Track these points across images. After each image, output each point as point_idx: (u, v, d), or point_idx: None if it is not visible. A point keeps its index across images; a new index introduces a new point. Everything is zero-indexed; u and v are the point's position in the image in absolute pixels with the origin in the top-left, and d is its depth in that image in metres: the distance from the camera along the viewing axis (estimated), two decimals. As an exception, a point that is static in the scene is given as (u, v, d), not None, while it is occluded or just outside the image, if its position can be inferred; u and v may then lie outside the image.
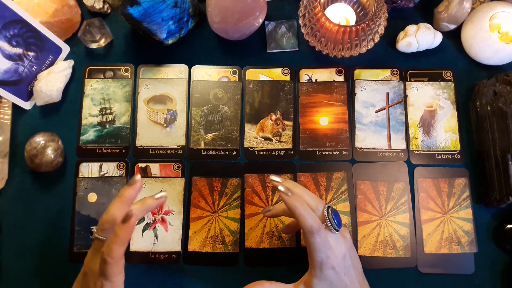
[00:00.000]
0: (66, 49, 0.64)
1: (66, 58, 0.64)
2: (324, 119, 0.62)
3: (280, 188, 0.44)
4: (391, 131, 0.61)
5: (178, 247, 0.57)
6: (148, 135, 0.61)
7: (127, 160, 0.60)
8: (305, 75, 0.63)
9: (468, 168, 0.60)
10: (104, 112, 0.62)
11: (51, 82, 0.59)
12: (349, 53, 0.60)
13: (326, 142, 0.61)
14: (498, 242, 0.57)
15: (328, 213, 0.44)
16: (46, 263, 0.56)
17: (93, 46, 0.64)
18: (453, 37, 0.65)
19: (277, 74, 0.63)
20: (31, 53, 0.59)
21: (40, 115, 0.62)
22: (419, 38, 0.61)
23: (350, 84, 0.63)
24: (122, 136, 0.61)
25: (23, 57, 0.59)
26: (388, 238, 0.57)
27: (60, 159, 0.58)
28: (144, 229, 0.57)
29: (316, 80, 0.63)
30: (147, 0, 0.53)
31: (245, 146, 0.61)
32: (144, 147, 0.60)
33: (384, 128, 0.61)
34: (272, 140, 0.61)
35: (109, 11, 0.65)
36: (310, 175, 0.59)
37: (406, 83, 0.63)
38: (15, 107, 0.61)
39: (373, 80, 0.63)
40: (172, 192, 0.59)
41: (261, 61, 0.64)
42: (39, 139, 0.57)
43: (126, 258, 0.43)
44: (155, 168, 0.60)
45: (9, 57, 0.57)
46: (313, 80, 0.63)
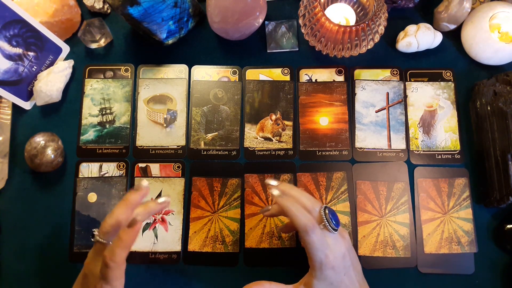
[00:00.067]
0: (66, 49, 0.64)
1: (66, 58, 0.64)
2: (324, 119, 0.62)
3: (273, 193, 0.46)
4: (391, 131, 0.61)
5: (178, 247, 0.57)
6: (148, 135, 0.61)
7: (127, 160, 0.60)
8: (305, 75, 0.63)
9: (468, 168, 0.60)
10: (104, 112, 0.62)
11: (51, 82, 0.59)
12: (349, 53, 0.60)
13: (326, 142, 0.61)
14: (498, 242, 0.57)
15: (325, 213, 0.44)
16: (46, 263, 0.56)
17: (93, 46, 0.64)
18: (453, 37, 0.65)
19: (277, 74, 0.63)
20: (31, 53, 0.59)
21: (40, 115, 0.62)
22: (419, 38, 0.61)
23: (350, 84, 0.63)
24: (122, 136, 0.61)
25: (23, 57, 0.59)
26: (388, 238, 0.57)
27: (60, 159, 0.58)
28: (144, 229, 0.57)
29: (316, 80, 0.63)
30: (147, 0, 0.53)
31: (245, 146, 0.61)
32: (144, 147, 0.60)
33: (384, 128, 0.61)
34: (272, 140, 0.61)
35: (109, 11, 0.65)
36: (310, 175, 0.59)
37: (406, 83, 0.63)
38: (15, 107, 0.61)
39: (373, 80, 0.63)
40: (172, 192, 0.59)
41: (261, 61, 0.64)
42: (39, 139, 0.57)
43: (126, 258, 0.43)
44: (155, 168, 0.60)
45: (9, 57, 0.57)
46: (313, 80, 0.63)
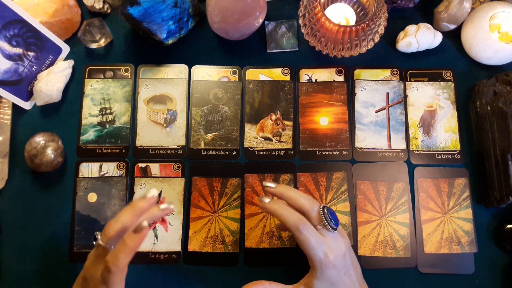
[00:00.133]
0: (66, 49, 0.64)
1: (66, 58, 0.64)
2: (324, 119, 0.62)
3: (261, 204, 0.47)
4: (391, 131, 0.61)
5: (178, 247, 0.57)
6: (148, 135, 0.61)
7: (127, 160, 0.60)
8: (305, 75, 0.63)
9: (468, 168, 0.60)
10: (104, 112, 0.62)
11: (51, 82, 0.59)
12: (349, 53, 0.60)
13: (326, 142, 0.61)
14: (498, 242, 0.57)
15: (324, 213, 0.44)
16: (46, 263, 0.56)
17: (93, 46, 0.64)
18: (453, 37, 0.65)
19: (277, 74, 0.63)
20: (31, 53, 0.59)
21: (40, 115, 0.62)
22: (419, 38, 0.61)
23: (350, 84, 0.63)
24: (122, 136, 0.61)
25: (23, 57, 0.59)
26: (388, 238, 0.57)
27: (60, 159, 0.58)
28: (144, 229, 0.57)
29: (316, 80, 0.63)
30: (147, 0, 0.53)
31: (245, 146, 0.61)
32: (144, 147, 0.60)
33: (384, 128, 0.61)
34: (272, 140, 0.61)
35: (109, 11, 0.65)
36: (310, 175, 0.59)
37: (406, 83, 0.63)
38: (15, 107, 0.61)
39: (373, 80, 0.63)
40: (172, 192, 0.59)
41: (261, 61, 0.64)
42: (39, 139, 0.57)
43: None
44: (155, 168, 0.60)
45: (9, 57, 0.57)
46: (313, 80, 0.63)
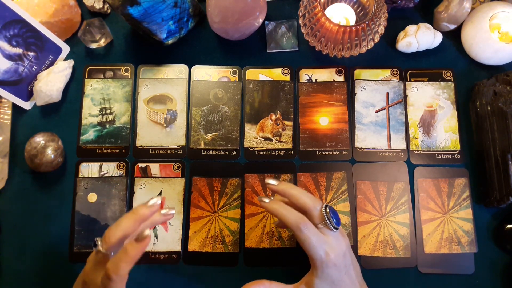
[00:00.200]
0: (66, 49, 0.64)
1: (66, 58, 0.64)
2: (324, 119, 0.62)
3: (261, 203, 0.47)
4: (391, 131, 0.61)
5: (178, 247, 0.57)
6: (148, 135, 0.61)
7: (127, 160, 0.60)
8: (305, 75, 0.63)
9: (468, 168, 0.60)
10: (104, 112, 0.62)
11: (51, 82, 0.59)
12: (349, 53, 0.60)
13: (326, 142, 0.61)
14: (498, 242, 0.57)
15: (327, 212, 0.44)
16: (46, 263, 0.56)
17: (93, 46, 0.64)
18: (453, 37, 0.65)
19: (277, 74, 0.63)
20: (31, 53, 0.59)
21: (40, 115, 0.62)
22: (419, 38, 0.61)
23: (350, 84, 0.63)
24: (122, 136, 0.61)
25: (23, 57, 0.59)
26: (388, 238, 0.57)
27: (60, 159, 0.58)
28: (144, 229, 0.57)
29: (316, 80, 0.63)
30: (147, 0, 0.53)
31: (245, 146, 0.61)
32: (144, 147, 0.60)
33: (384, 128, 0.61)
34: (272, 140, 0.61)
35: (109, 11, 0.65)
36: (310, 175, 0.59)
37: (406, 83, 0.63)
38: (15, 107, 0.61)
39: (373, 80, 0.63)
40: (172, 192, 0.59)
41: (261, 61, 0.64)
42: (39, 139, 0.57)
43: None
44: (155, 168, 0.60)
45: (9, 57, 0.57)
46: (313, 80, 0.63)
